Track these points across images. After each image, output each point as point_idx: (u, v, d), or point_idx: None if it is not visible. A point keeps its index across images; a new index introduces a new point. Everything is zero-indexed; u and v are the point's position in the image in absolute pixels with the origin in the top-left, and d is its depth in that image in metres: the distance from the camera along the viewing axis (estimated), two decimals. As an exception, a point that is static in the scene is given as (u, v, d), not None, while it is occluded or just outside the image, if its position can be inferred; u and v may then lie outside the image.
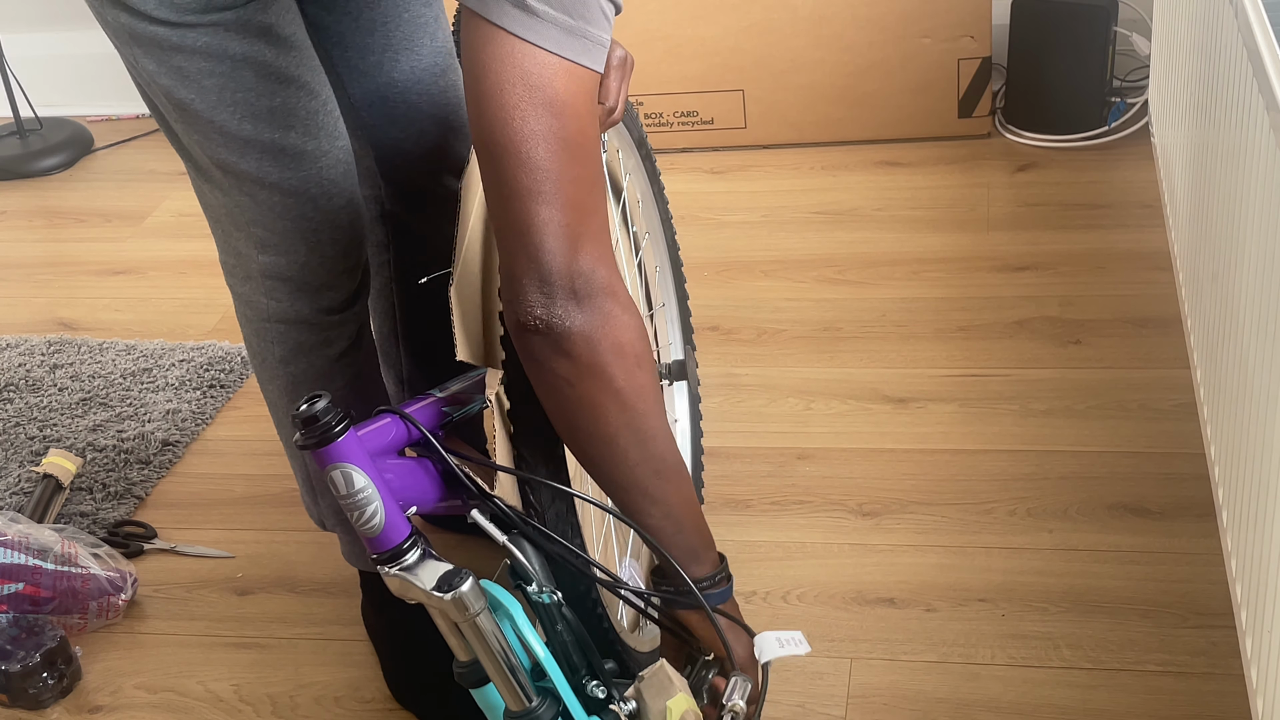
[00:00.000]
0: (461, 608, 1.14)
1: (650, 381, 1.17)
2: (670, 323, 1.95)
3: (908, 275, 2.47)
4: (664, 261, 1.92)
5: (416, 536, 1.18)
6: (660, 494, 1.22)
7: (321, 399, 1.13)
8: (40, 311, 2.74)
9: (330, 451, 1.14)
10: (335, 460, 1.14)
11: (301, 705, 1.75)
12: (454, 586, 1.14)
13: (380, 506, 1.15)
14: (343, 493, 1.15)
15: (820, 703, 1.67)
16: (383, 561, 1.17)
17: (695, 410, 1.97)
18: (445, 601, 1.14)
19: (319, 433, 1.13)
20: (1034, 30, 2.79)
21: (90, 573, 1.89)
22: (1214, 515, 1.79)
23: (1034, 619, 1.73)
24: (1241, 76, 1.55)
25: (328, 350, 1.57)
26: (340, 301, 1.56)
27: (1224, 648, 1.64)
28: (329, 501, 1.71)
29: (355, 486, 1.14)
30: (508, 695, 1.19)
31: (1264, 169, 1.41)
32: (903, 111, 2.89)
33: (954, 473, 1.99)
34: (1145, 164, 2.69)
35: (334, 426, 1.13)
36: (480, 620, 1.15)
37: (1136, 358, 2.17)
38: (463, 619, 1.15)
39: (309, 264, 1.50)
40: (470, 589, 1.14)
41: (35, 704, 1.78)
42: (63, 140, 3.41)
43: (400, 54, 1.60)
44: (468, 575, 1.15)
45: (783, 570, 1.86)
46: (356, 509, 1.15)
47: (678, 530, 1.25)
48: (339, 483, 1.14)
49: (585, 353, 1.11)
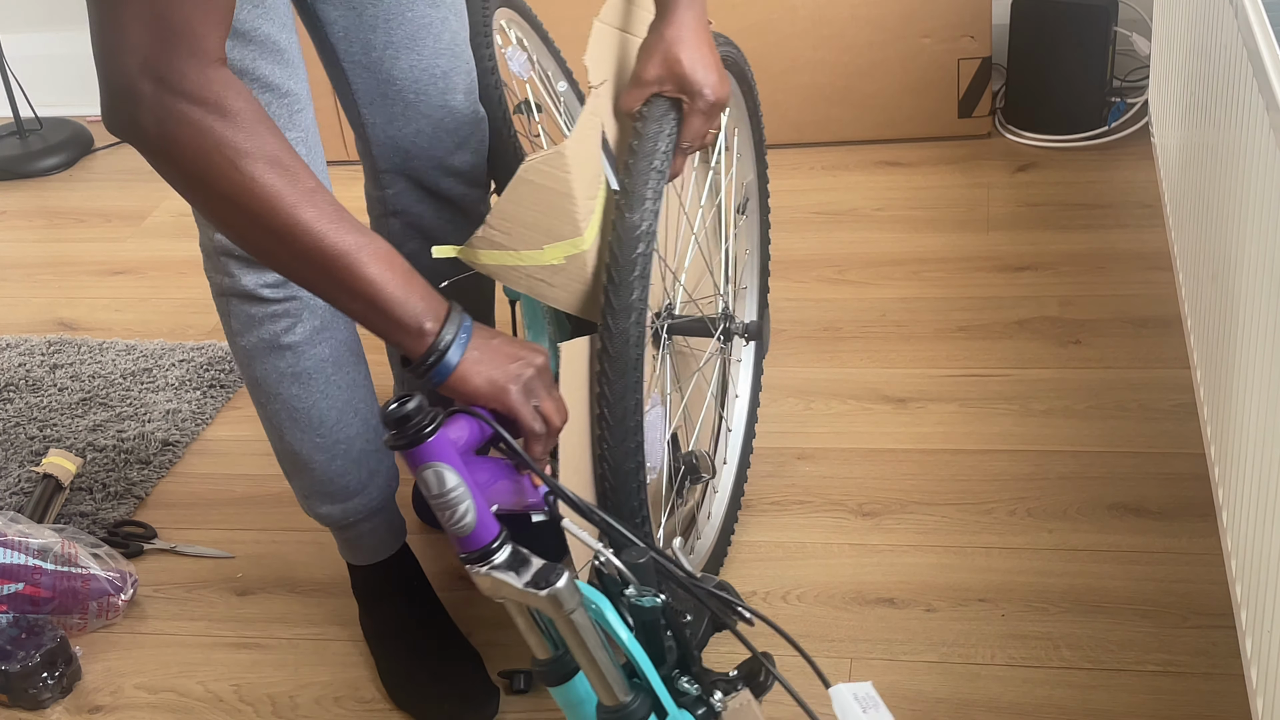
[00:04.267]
0: (557, 604, 1.15)
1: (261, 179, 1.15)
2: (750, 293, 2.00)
3: (908, 275, 2.47)
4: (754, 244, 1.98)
5: (505, 534, 1.18)
6: (333, 287, 1.21)
7: (413, 399, 1.13)
8: (40, 311, 2.74)
9: (423, 451, 1.14)
10: (428, 460, 1.14)
11: (301, 705, 1.75)
12: (550, 583, 1.14)
13: (472, 505, 1.16)
14: (435, 492, 1.15)
15: (820, 703, 1.66)
16: (472, 561, 1.17)
17: (758, 369, 2.01)
18: (541, 598, 1.14)
19: (410, 433, 1.13)
20: (1034, 30, 2.79)
21: (90, 573, 1.89)
22: (1214, 515, 1.79)
23: (1034, 619, 1.73)
24: (1241, 76, 1.55)
25: (274, 326, 1.56)
26: (284, 280, 1.54)
27: (1224, 648, 1.64)
28: (299, 484, 1.71)
29: (448, 486, 1.15)
30: (603, 691, 1.19)
31: (1264, 169, 1.41)
32: (903, 111, 2.89)
33: (954, 473, 1.99)
34: (1145, 164, 2.69)
35: (425, 426, 1.13)
36: (576, 616, 1.15)
37: (1136, 358, 2.17)
38: (558, 615, 1.15)
39: None
40: (566, 585, 1.14)
41: (35, 704, 1.78)
42: (63, 140, 3.42)
43: (401, 52, 1.60)
44: (563, 571, 1.15)
45: (783, 570, 1.86)
46: (449, 508, 1.15)
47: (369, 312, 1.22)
48: (431, 482, 1.14)
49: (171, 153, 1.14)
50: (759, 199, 1.98)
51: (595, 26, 1.49)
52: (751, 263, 2.00)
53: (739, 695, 1.25)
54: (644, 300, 1.41)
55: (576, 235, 1.40)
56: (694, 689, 1.25)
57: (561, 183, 1.37)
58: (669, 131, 1.47)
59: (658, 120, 1.47)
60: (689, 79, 1.46)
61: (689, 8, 1.47)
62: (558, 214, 1.39)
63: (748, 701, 1.24)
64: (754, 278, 2.01)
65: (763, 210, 2.00)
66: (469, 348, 1.25)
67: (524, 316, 1.60)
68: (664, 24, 1.47)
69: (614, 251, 1.41)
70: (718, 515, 1.88)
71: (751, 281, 2.01)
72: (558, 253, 1.41)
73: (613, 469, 1.42)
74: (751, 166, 1.94)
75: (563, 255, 1.41)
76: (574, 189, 1.38)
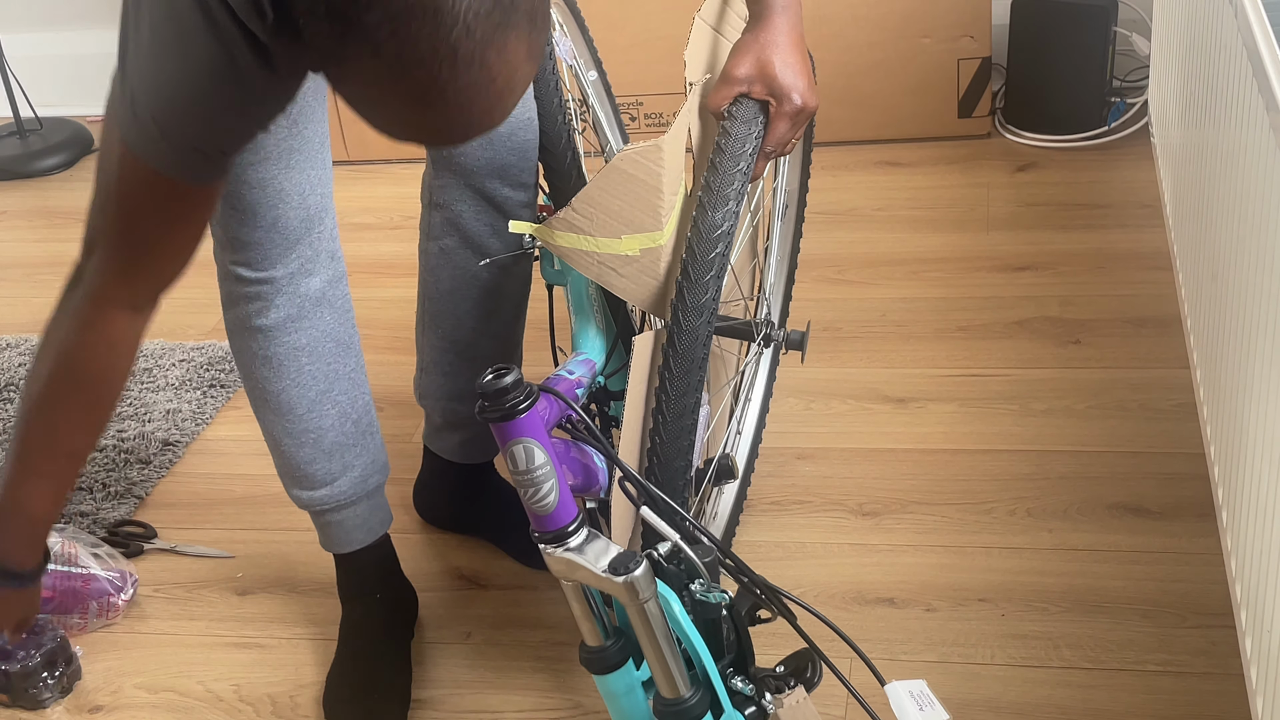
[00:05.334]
0: (633, 592, 1.15)
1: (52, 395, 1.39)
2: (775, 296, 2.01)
3: (908, 275, 2.47)
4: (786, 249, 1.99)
5: (583, 517, 1.18)
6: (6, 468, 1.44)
7: (510, 372, 1.14)
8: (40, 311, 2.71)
9: (515, 426, 1.14)
10: (519, 435, 1.15)
11: (301, 705, 1.75)
12: (629, 570, 1.14)
13: (556, 485, 1.16)
14: (522, 468, 1.15)
15: (820, 703, 1.67)
16: (547, 541, 1.17)
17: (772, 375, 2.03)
18: (617, 584, 1.15)
19: (505, 407, 1.14)
20: (1034, 30, 2.79)
21: (90, 573, 1.89)
22: (1214, 515, 1.79)
23: (1034, 619, 1.73)
24: (1241, 76, 1.55)
25: (247, 308, 1.58)
26: (254, 260, 1.55)
27: (1224, 648, 1.64)
28: (276, 462, 1.73)
29: (536, 463, 1.15)
30: (664, 683, 1.19)
31: (1264, 169, 1.41)
32: (903, 111, 2.89)
33: (954, 473, 1.99)
34: (1145, 164, 2.69)
35: (521, 402, 1.14)
36: (649, 606, 1.16)
37: (1136, 358, 2.17)
38: (632, 603, 1.15)
39: (219, 217, 1.53)
40: (644, 574, 1.14)
41: (35, 704, 1.78)
42: (63, 140, 3.42)
43: None
44: (642, 560, 1.15)
45: (783, 570, 1.86)
46: (533, 485, 1.16)
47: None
48: (520, 458, 1.15)
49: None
50: (797, 206, 1.98)
51: (696, 23, 1.50)
52: (781, 267, 2.00)
53: (794, 693, 1.26)
54: (716, 300, 1.41)
55: (657, 229, 1.41)
56: (747, 688, 1.25)
57: (653, 176, 1.39)
58: (756, 134, 1.47)
59: (747, 122, 1.46)
60: (779, 82, 1.46)
61: (784, 13, 1.47)
62: (643, 206, 1.40)
63: (803, 699, 1.24)
64: (781, 282, 2.02)
65: (799, 218, 2.00)
66: None
67: (571, 302, 1.61)
68: (759, 26, 1.48)
69: (693, 249, 1.41)
70: (723, 516, 1.88)
71: (779, 285, 2.01)
72: (634, 244, 1.42)
73: (662, 464, 1.41)
74: (798, 174, 1.95)
75: (639, 247, 1.42)
76: (663, 183, 1.39)
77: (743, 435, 1.97)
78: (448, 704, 1.74)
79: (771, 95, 1.48)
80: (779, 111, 1.49)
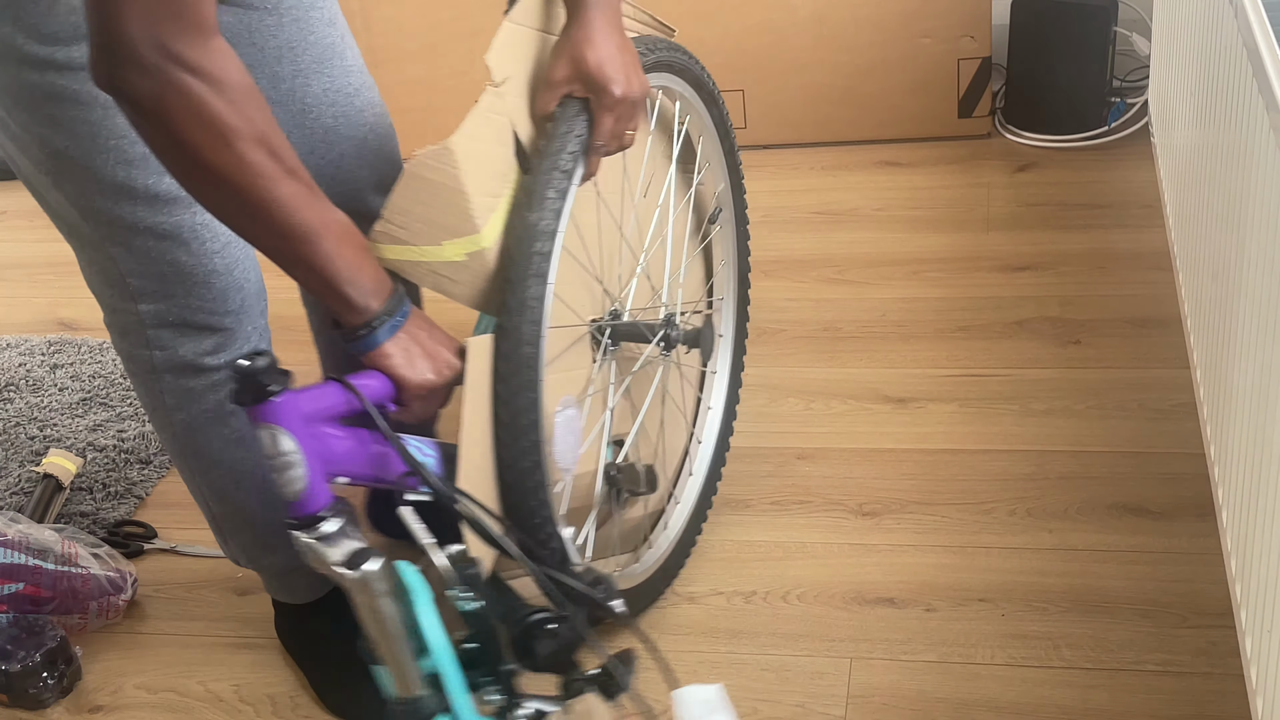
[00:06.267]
0: (362, 587, 1.16)
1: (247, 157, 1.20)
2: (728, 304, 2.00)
3: (908, 275, 2.47)
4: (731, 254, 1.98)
5: (340, 509, 1.19)
6: (290, 258, 1.28)
7: (264, 356, 1.15)
8: (40, 311, 2.74)
9: (262, 411, 1.16)
10: (265, 420, 1.16)
11: (301, 705, 1.75)
12: (359, 566, 1.15)
13: (304, 473, 1.17)
14: (269, 452, 1.17)
15: (820, 703, 1.67)
16: (295, 527, 1.19)
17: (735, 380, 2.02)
18: (348, 578, 1.16)
19: (254, 391, 1.15)
20: (1034, 30, 2.79)
21: (90, 573, 1.89)
22: (1214, 515, 1.79)
23: (1034, 619, 1.73)
24: (1241, 76, 1.55)
25: (217, 395, 1.56)
26: (226, 344, 1.54)
27: (1224, 647, 1.64)
28: (239, 541, 1.72)
29: (281, 449, 1.16)
30: (398, 681, 1.20)
31: (1264, 169, 1.41)
32: (903, 111, 2.89)
33: (954, 473, 1.99)
34: (1145, 164, 2.69)
35: (268, 386, 1.15)
36: (380, 603, 1.17)
37: (1136, 358, 2.17)
38: (362, 599, 1.17)
39: (188, 305, 1.49)
40: (376, 570, 1.16)
41: (35, 704, 1.78)
42: (63, 140, 3.41)
43: (312, 78, 1.58)
44: (379, 557, 1.16)
45: (783, 570, 1.86)
46: (279, 470, 1.17)
47: (321, 285, 1.30)
48: (266, 443, 1.16)
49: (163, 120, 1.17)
50: (734, 209, 1.96)
51: (504, 26, 1.48)
52: (729, 274, 1.99)
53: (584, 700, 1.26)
54: (539, 299, 1.42)
55: (474, 232, 1.41)
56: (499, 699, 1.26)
57: (451, 178, 1.38)
58: (578, 132, 1.47)
59: (566, 121, 1.47)
60: (594, 76, 1.46)
61: (596, 7, 1.46)
62: (451, 209, 1.40)
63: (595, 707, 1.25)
64: (732, 288, 2.00)
65: (739, 220, 1.98)
66: (399, 332, 1.34)
67: None
68: (572, 24, 1.47)
69: (509, 249, 1.43)
70: (675, 527, 1.87)
71: (729, 293, 2.00)
72: (458, 249, 1.42)
73: (508, 466, 1.43)
74: (722, 175, 1.92)
75: (463, 252, 1.42)
76: (466, 185, 1.39)
77: (704, 445, 1.95)
78: (448, 704, 1.74)
79: (590, 91, 1.47)
80: (599, 105, 1.48)
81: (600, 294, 1.67)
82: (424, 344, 1.36)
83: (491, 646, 1.25)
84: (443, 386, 1.38)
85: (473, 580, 1.23)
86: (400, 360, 1.34)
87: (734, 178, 1.94)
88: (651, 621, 1.81)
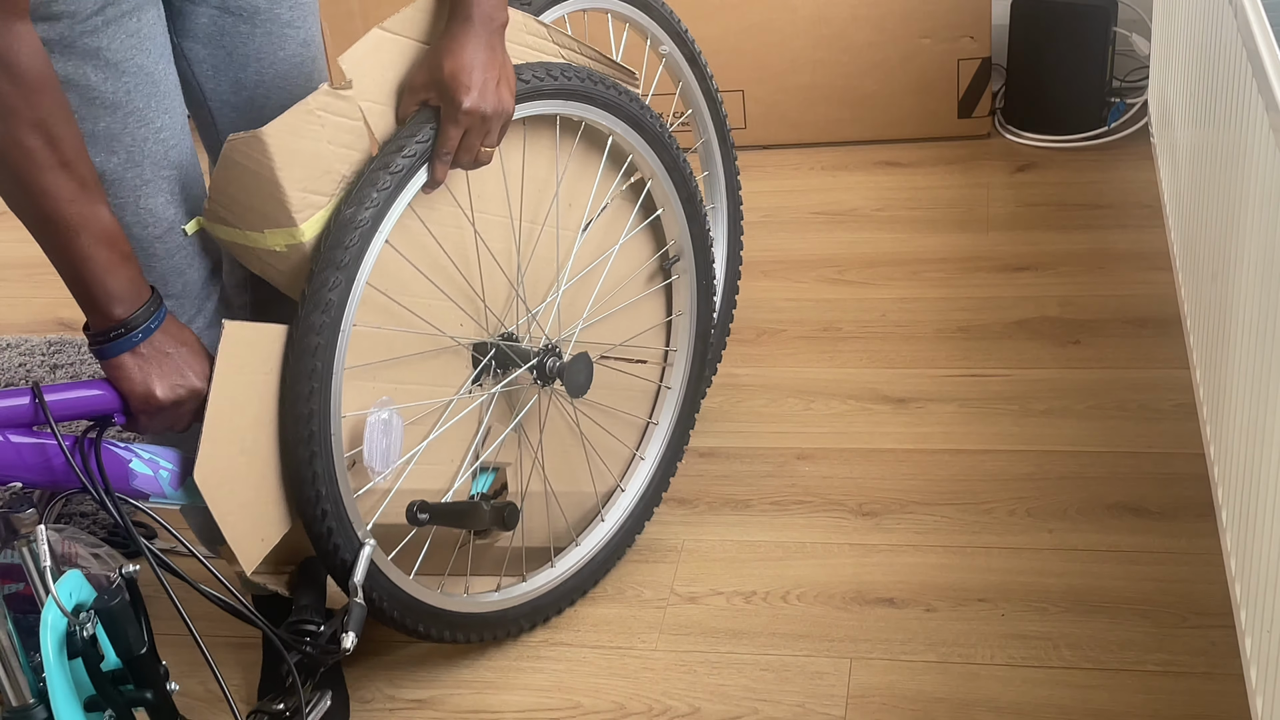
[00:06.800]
0: None
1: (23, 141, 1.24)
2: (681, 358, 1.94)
3: (908, 275, 2.47)
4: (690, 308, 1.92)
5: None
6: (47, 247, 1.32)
7: None
8: (40, 311, 2.74)
9: None
10: None
11: (301, 705, 1.75)
12: None
13: None
14: None
15: (820, 702, 1.67)
16: None
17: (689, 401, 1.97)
18: None
19: None
20: (1034, 30, 2.79)
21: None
22: (1214, 515, 1.79)
23: (1034, 619, 1.73)
24: (1241, 76, 1.55)
25: None
26: None
27: (1224, 648, 1.64)
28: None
29: None
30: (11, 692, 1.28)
31: (1264, 169, 1.41)
32: (903, 112, 2.89)
33: (954, 473, 1.99)
34: (1145, 164, 2.69)
35: None
36: None
37: (1136, 358, 2.17)
38: None
39: None
40: None
41: (35, 704, 1.78)
42: (63, 140, 3.41)
43: (273, 91, 1.57)
44: None
45: (783, 570, 1.86)
46: None
47: (72, 283, 1.34)
48: None
49: None
50: (693, 259, 1.87)
51: (373, 32, 1.47)
52: (685, 326, 1.91)
53: None
54: (336, 288, 1.44)
55: (292, 225, 1.42)
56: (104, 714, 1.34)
57: (264, 168, 1.39)
58: (420, 138, 1.48)
59: (411, 125, 1.48)
60: (445, 84, 1.46)
61: (473, 20, 1.47)
62: (265, 199, 1.41)
63: None
64: (686, 343, 1.92)
65: (700, 272, 1.89)
66: (141, 345, 1.36)
67: None
68: (443, 36, 1.48)
69: (320, 241, 1.45)
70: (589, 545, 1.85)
71: (683, 346, 1.92)
72: (278, 240, 1.44)
73: (285, 450, 1.48)
74: (676, 221, 1.84)
75: (283, 243, 1.44)
76: (280, 177, 1.39)
77: (646, 461, 1.92)
78: (448, 704, 1.74)
79: (440, 100, 1.48)
80: (445, 114, 1.48)
81: (485, 316, 1.66)
82: (164, 362, 1.38)
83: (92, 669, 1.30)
84: (171, 405, 1.39)
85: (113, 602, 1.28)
86: (132, 374, 1.37)
87: (693, 226, 1.85)
88: (652, 621, 1.81)
